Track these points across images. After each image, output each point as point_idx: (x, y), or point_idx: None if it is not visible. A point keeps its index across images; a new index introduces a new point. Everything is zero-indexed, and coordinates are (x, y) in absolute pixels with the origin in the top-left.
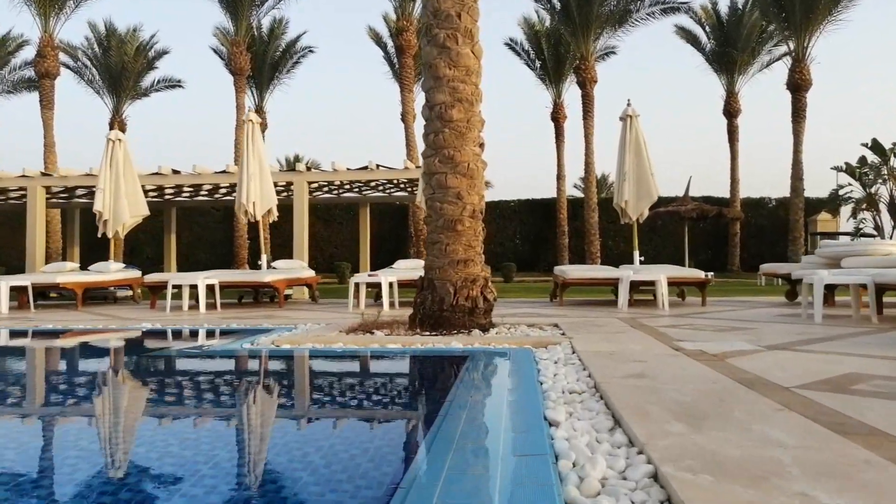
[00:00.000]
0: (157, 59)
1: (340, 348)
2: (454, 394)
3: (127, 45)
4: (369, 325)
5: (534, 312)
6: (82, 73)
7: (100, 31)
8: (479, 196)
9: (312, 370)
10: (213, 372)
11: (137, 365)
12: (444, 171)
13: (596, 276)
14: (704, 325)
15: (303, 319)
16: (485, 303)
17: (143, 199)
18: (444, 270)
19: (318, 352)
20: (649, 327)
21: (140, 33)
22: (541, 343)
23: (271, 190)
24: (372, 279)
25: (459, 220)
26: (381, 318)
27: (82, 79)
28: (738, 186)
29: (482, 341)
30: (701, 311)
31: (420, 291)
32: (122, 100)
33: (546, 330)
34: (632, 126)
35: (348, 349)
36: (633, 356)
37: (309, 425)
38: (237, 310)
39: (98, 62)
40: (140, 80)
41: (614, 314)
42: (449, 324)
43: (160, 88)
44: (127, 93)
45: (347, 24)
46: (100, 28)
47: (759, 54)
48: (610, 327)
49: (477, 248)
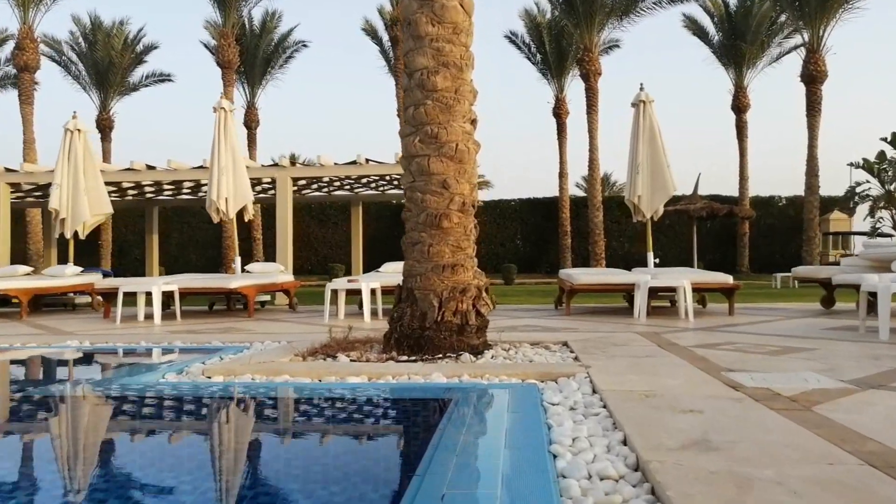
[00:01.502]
0: (145, 54)
1: (284, 382)
2: (420, 484)
3: (114, 39)
4: (335, 347)
5: (537, 325)
6: (68, 67)
7: (84, 24)
8: (471, 185)
9: (222, 424)
10: (85, 426)
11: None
12: (427, 153)
13: (608, 282)
14: (748, 344)
15: (266, 334)
16: (478, 318)
17: (107, 196)
18: (427, 278)
19: (252, 389)
20: (681, 347)
21: (127, 27)
22: (549, 375)
23: (246, 185)
24: (352, 285)
25: (445, 215)
26: (354, 335)
27: (69, 74)
28: (747, 184)
29: (472, 371)
30: (732, 323)
31: (397, 304)
32: (109, 95)
33: (554, 351)
34: (645, 113)
35: (295, 383)
36: (680, 400)
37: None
38: (201, 320)
39: (84, 57)
40: (128, 75)
41: (631, 326)
42: (432, 345)
43: (149, 83)
44: (114, 88)
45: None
46: (84, 21)
47: (768, 47)
48: (632, 348)
49: (468, 249)
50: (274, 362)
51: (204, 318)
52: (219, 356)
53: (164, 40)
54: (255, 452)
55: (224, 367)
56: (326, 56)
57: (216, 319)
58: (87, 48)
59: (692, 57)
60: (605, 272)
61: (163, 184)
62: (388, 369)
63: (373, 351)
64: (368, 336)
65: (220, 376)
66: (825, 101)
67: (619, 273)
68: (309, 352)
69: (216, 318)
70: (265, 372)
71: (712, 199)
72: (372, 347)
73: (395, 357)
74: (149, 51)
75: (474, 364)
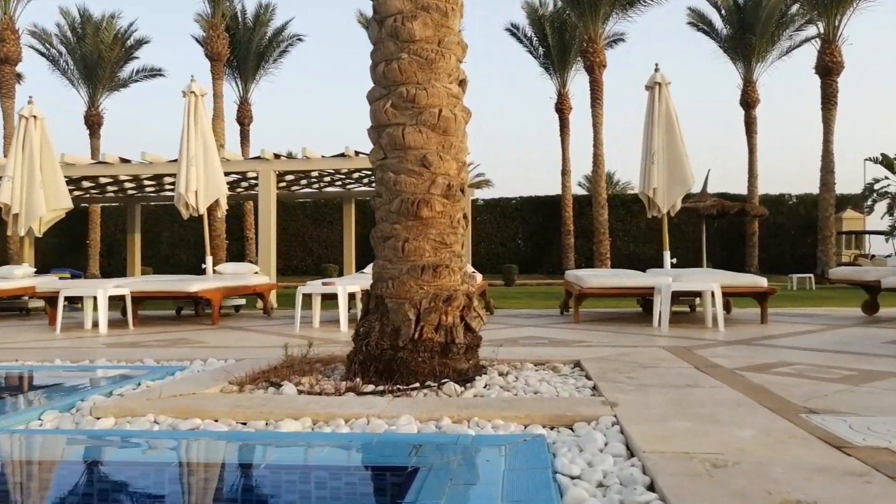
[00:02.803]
0: (136, 48)
1: (190, 431)
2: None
3: (103, 33)
4: (286, 370)
5: (542, 336)
6: (56, 61)
7: (73, 17)
8: (458, 163)
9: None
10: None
11: None
12: (401, 121)
13: (623, 285)
14: (810, 366)
15: (218, 348)
16: (467, 335)
17: (66, 190)
18: (402, 283)
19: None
20: (726, 371)
21: (118, 21)
22: (561, 418)
23: (219, 178)
24: (327, 289)
25: (425, 202)
26: (318, 351)
27: (56, 68)
28: (756, 182)
29: (457, 412)
30: (769, 334)
31: (364, 316)
32: (98, 90)
33: (565, 375)
34: (661, 96)
35: (206, 433)
36: (773, 477)
37: None
38: (159, 328)
39: (72, 50)
40: (118, 69)
41: (653, 338)
42: (407, 370)
43: (139, 78)
44: (103, 83)
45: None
46: (73, 14)
47: (778, 40)
48: (665, 371)
49: (454, 246)
50: (195, 394)
51: (164, 326)
52: (137, 382)
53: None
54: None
55: (120, 405)
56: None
57: (176, 327)
58: (75, 42)
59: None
60: (618, 274)
61: (142, 179)
62: (342, 408)
63: (335, 375)
64: (333, 354)
65: (112, 418)
66: (840, 94)
67: (634, 275)
68: (250, 377)
69: (178, 325)
70: (174, 412)
71: (721, 197)
72: (335, 369)
73: (357, 386)
74: (139, 45)
75: (460, 400)
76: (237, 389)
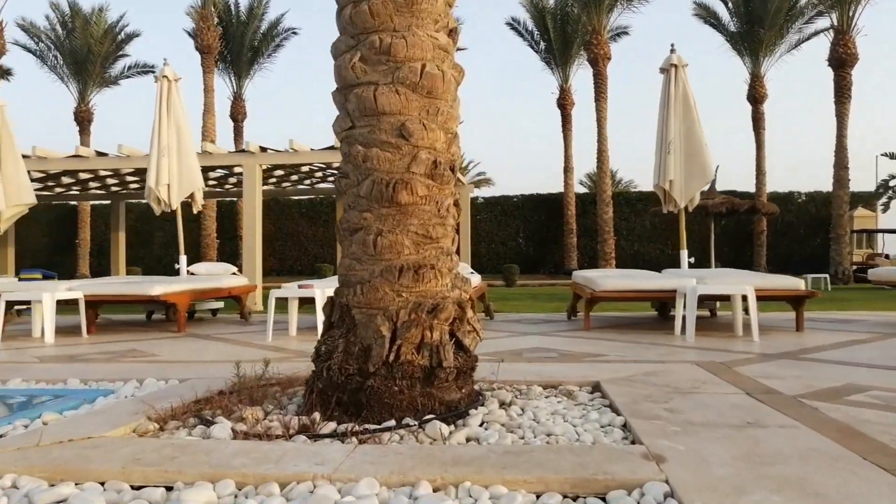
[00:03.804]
0: (126, 43)
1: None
2: None
3: (93, 27)
4: (229, 398)
5: (550, 347)
6: (44, 57)
7: (62, 10)
8: (448, 135)
9: None
10: None
11: None
12: (373, 78)
13: (640, 288)
14: (888, 391)
15: (170, 363)
16: (458, 356)
17: (29, 185)
18: (374, 289)
19: None
20: (787, 399)
21: (107, 14)
22: (588, 482)
23: (195, 170)
24: (304, 292)
25: (405, 183)
26: (278, 371)
27: (45, 63)
28: (764, 179)
29: (442, 471)
30: (813, 345)
31: (327, 331)
32: (88, 86)
33: (584, 405)
34: (677, 79)
35: None
36: None
37: None
38: (117, 335)
39: (61, 45)
40: (108, 65)
41: (679, 350)
42: (380, 403)
43: (131, 75)
44: (93, 79)
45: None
46: (62, 7)
47: (787, 33)
48: (711, 400)
49: (443, 240)
50: (90, 439)
51: (124, 334)
52: (37, 414)
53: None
54: None
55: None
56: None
57: (136, 335)
58: (64, 36)
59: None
60: (633, 275)
61: (124, 175)
62: (280, 464)
63: (293, 403)
64: (297, 373)
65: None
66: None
67: (651, 276)
68: (178, 410)
69: (140, 332)
70: (47, 470)
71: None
72: (295, 395)
73: (313, 424)
74: (130, 39)
75: (448, 449)
76: (155, 428)
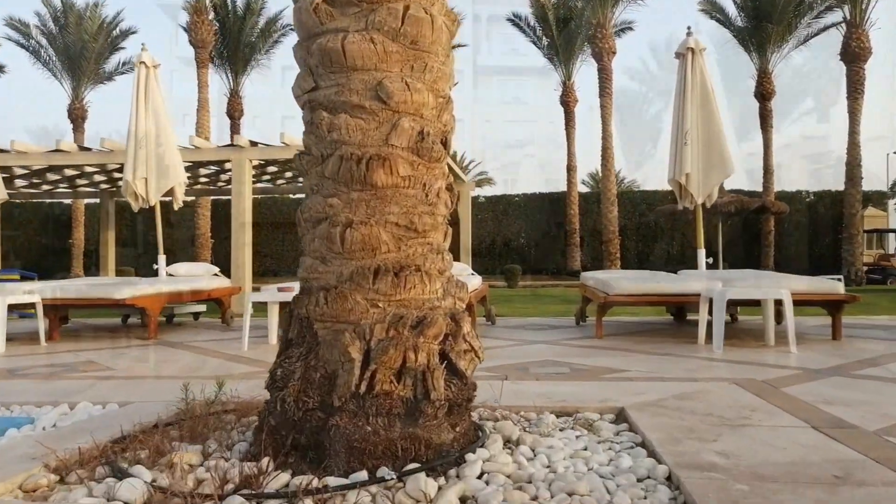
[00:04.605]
0: (121, 39)
1: None
2: None
3: (87, 23)
4: (161, 435)
5: (559, 360)
6: (37, 53)
7: (55, 5)
8: (439, 98)
9: None
10: None
11: None
12: (342, 24)
13: (659, 292)
14: None
15: (125, 380)
16: (452, 385)
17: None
18: (341, 297)
19: None
20: (871, 437)
21: (102, 10)
22: None
23: (176, 163)
24: (283, 296)
25: (382, 159)
26: (229, 394)
27: (38, 60)
28: (772, 178)
29: None
30: (862, 358)
31: (283, 352)
32: (82, 83)
33: (610, 444)
34: (695, 65)
35: None
36: None
37: None
38: (81, 343)
39: (54, 41)
40: (102, 61)
41: (708, 364)
42: (347, 447)
43: (126, 71)
44: (87, 76)
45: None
46: (55, 2)
47: (795, 28)
48: (773, 437)
49: (431, 234)
50: None
51: (89, 341)
52: None
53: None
54: None
55: None
56: None
57: (101, 343)
58: (57, 32)
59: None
60: (648, 277)
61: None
62: None
63: (245, 439)
64: (255, 397)
65: None
66: None
67: (669, 279)
68: (89, 455)
69: (108, 339)
70: None
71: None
72: (249, 427)
73: (260, 475)
74: (125, 35)
75: None
76: (50, 483)
